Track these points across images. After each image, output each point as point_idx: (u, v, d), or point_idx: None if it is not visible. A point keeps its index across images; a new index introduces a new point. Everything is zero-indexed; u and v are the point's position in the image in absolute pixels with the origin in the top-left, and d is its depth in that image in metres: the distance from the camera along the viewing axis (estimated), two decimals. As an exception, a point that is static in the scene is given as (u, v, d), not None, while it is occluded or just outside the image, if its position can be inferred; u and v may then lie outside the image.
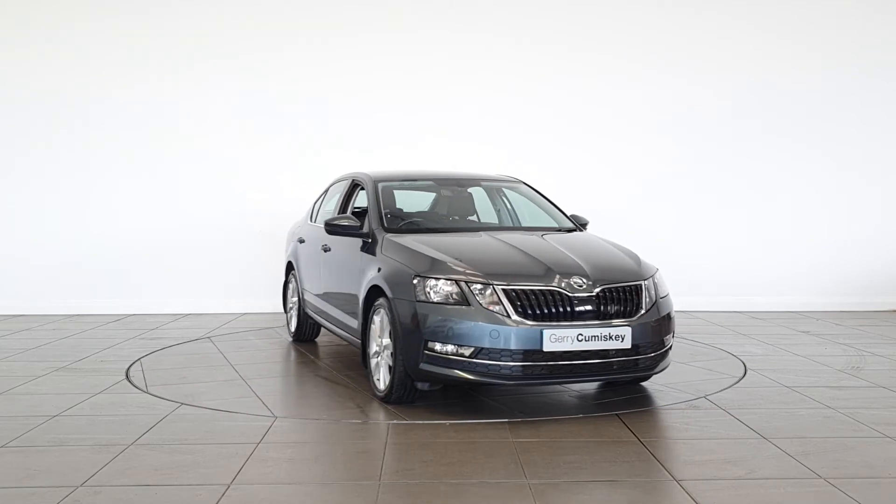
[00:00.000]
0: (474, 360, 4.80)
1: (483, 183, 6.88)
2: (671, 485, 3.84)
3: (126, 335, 8.06)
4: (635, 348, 4.95)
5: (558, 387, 5.71)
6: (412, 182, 6.84)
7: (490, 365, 4.78)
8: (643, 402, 5.41)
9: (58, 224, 9.73)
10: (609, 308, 4.93)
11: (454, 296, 4.90)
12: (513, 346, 4.74)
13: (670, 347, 5.33)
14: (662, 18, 10.06)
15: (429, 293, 4.95)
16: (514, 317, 4.78)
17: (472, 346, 4.79)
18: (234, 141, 9.84)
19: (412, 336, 4.95)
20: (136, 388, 5.83)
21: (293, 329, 7.77)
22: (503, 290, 4.85)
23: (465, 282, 4.91)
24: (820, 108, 10.12)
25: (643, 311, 5.03)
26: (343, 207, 6.82)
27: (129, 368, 6.46)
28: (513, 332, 4.74)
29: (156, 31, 9.77)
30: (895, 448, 4.39)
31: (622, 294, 5.02)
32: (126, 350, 7.26)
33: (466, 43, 9.95)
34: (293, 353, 7.28)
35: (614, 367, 4.95)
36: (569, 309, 4.83)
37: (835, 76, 10.13)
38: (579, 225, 6.45)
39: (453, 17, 9.96)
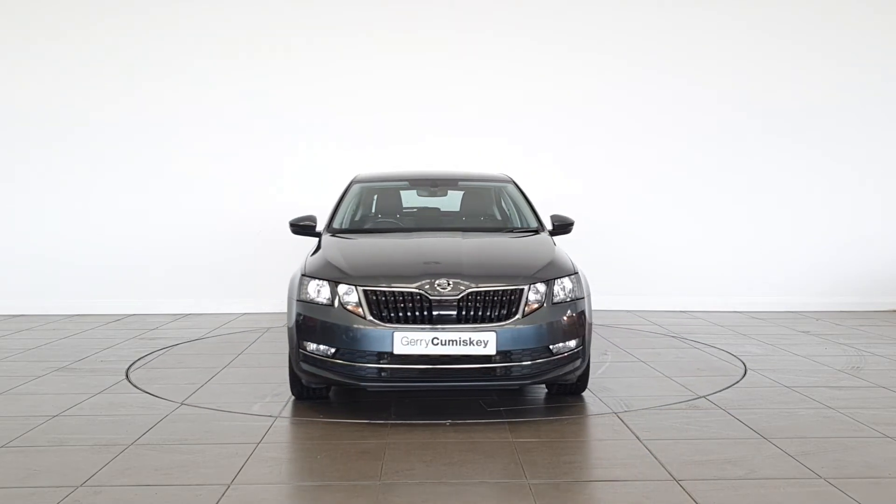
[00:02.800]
0: (335, 361, 4.85)
1: (461, 183, 6.82)
2: (671, 485, 3.83)
3: (126, 335, 8.06)
4: (505, 354, 4.74)
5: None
6: (388, 182, 6.82)
7: (347, 366, 4.83)
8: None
9: (58, 224, 9.73)
10: (473, 312, 4.76)
11: (325, 296, 4.95)
12: (365, 348, 4.76)
13: (572, 354, 4.99)
14: (662, 18, 10.05)
15: (308, 293, 5.03)
16: (369, 318, 4.78)
17: (333, 347, 4.85)
18: (233, 141, 9.83)
19: (292, 334, 5.06)
20: (136, 388, 5.83)
21: None
22: (364, 291, 4.85)
23: (335, 282, 4.96)
24: (820, 108, 10.12)
25: (518, 317, 4.80)
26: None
27: (129, 368, 6.47)
28: (364, 332, 4.76)
29: (157, 33, 9.78)
30: (895, 448, 4.39)
31: (492, 298, 4.80)
32: (126, 350, 7.26)
33: (466, 43, 9.95)
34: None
35: (482, 373, 4.74)
36: (426, 312, 4.75)
37: (835, 76, 10.13)
38: (558, 226, 6.17)
39: (453, 17, 9.97)
